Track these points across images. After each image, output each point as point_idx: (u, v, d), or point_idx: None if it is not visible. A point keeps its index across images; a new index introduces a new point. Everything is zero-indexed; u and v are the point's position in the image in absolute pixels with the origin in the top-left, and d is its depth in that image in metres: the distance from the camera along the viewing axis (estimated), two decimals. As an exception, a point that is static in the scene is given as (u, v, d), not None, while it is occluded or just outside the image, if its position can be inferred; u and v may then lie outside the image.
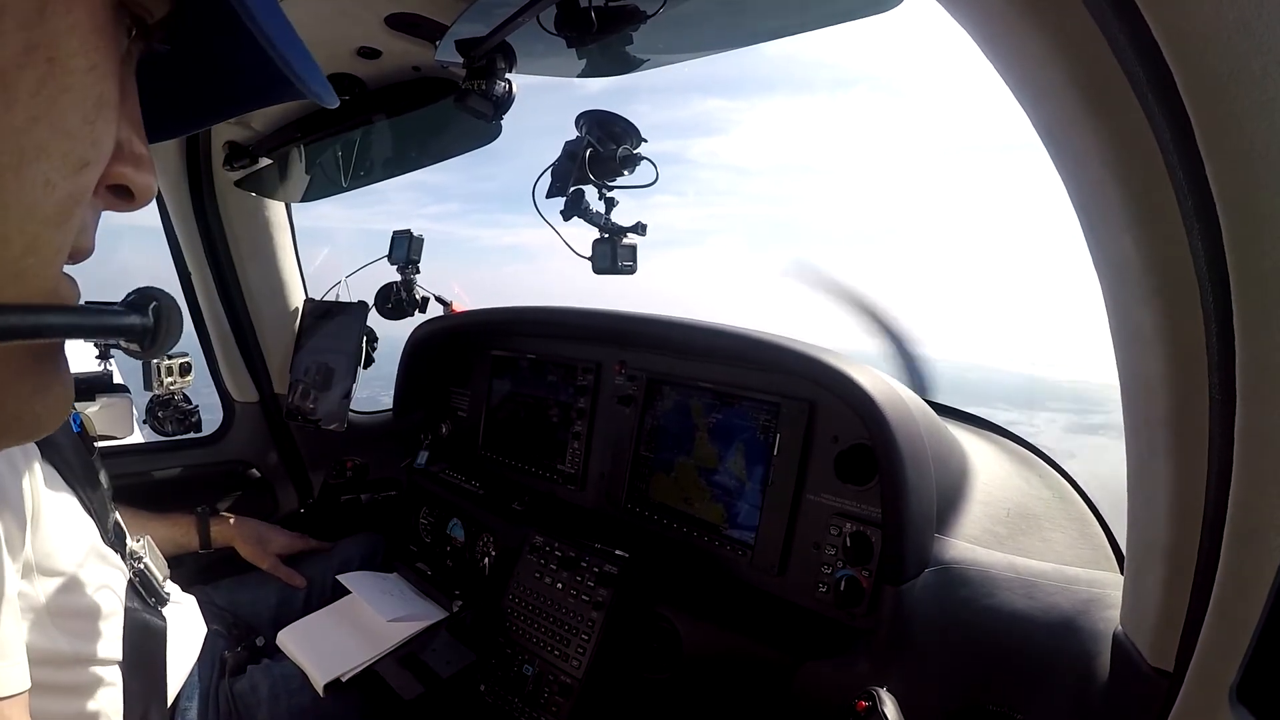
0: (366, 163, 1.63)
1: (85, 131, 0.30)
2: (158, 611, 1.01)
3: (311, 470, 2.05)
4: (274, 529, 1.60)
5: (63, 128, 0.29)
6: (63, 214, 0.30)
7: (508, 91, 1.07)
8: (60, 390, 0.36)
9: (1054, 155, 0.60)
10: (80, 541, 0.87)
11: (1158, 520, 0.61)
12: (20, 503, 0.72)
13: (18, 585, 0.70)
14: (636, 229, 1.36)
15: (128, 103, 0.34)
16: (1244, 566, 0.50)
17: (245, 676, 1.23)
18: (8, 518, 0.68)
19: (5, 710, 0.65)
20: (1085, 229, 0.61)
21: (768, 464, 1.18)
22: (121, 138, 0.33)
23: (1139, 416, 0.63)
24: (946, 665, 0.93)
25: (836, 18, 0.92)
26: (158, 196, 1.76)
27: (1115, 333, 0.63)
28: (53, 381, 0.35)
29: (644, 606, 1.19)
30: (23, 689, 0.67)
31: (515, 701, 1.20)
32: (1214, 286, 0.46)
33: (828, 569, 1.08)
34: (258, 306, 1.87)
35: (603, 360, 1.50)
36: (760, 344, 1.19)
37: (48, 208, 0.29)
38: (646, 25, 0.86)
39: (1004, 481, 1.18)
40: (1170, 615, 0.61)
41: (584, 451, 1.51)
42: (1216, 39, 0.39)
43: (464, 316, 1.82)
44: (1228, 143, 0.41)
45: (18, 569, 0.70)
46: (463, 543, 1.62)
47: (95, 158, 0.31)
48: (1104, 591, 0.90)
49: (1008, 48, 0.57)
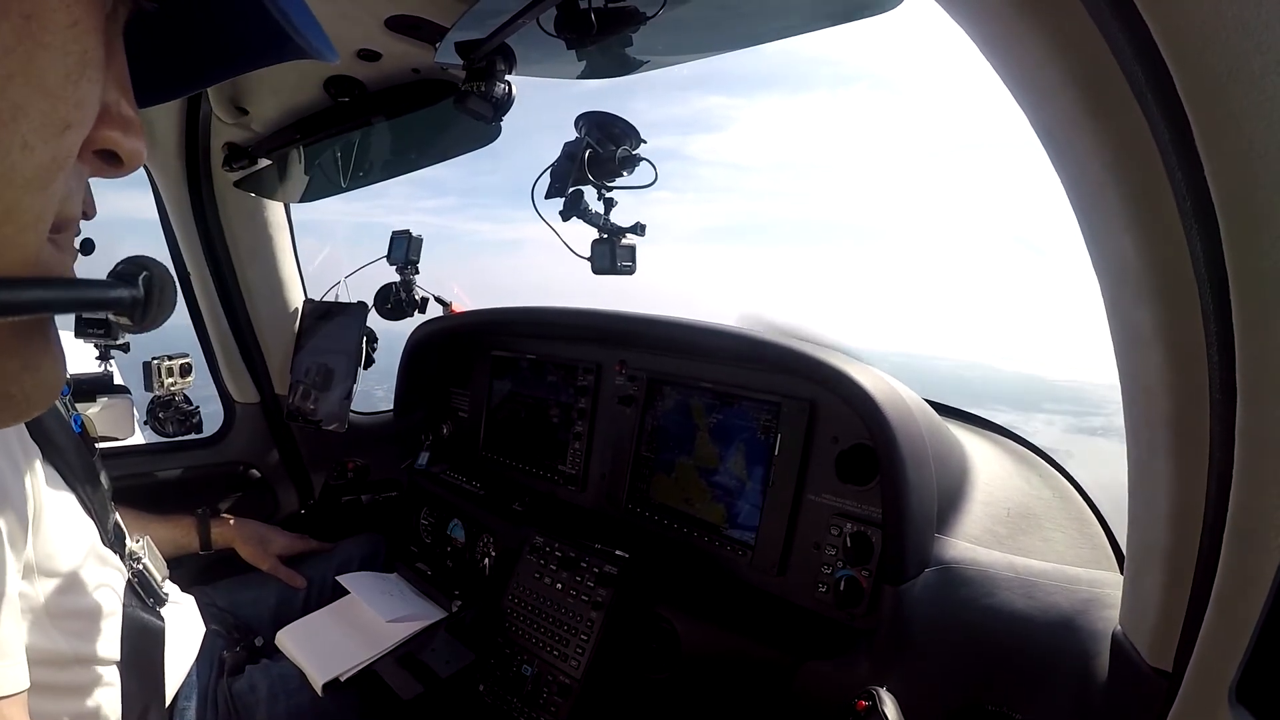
0: (366, 164, 1.63)
1: (67, 91, 0.28)
2: (156, 612, 1.01)
3: (312, 471, 2.05)
4: (274, 530, 1.60)
5: (42, 86, 0.27)
6: (43, 179, 0.28)
7: (507, 93, 1.07)
8: (50, 367, 0.34)
9: (1053, 156, 0.60)
10: (80, 542, 0.87)
11: (1158, 520, 0.61)
12: (23, 503, 0.72)
13: (18, 585, 0.70)
14: (635, 229, 1.36)
15: (114, 63, 0.31)
16: (1244, 567, 0.50)
17: (244, 676, 1.23)
18: (11, 518, 0.68)
19: (4, 710, 0.64)
20: (1085, 230, 0.61)
21: (768, 464, 1.18)
22: (108, 100, 0.31)
23: (1139, 417, 0.63)
24: (946, 665, 0.93)
25: (836, 18, 0.92)
26: (157, 197, 1.76)
27: (1115, 333, 0.63)
28: (41, 358, 0.33)
29: (644, 607, 1.19)
30: (22, 688, 0.66)
31: (514, 701, 1.20)
32: (1213, 287, 0.47)
33: (828, 569, 1.08)
34: (257, 307, 1.87)
35: (603, 360, 1.50)
36: (761, 344, 1.19)
37: (26, 171, 0.27)
38: (646, 27, 0.86)
39: (1004, 481, 1.18)
40: (1170, 615, 0.61)
41: (584, 452, 1.51)
42: (1215, 39, 0.39)
43: (464, 317, 1.82)
44: (1227, 143, 0.41)
45: (19, 569, 0.70)
46: (463, 543, 1.62)
47: (78, 120, 0.29)
48: (1104, 591, 0.90)
49: (1007, 48, 0.57)
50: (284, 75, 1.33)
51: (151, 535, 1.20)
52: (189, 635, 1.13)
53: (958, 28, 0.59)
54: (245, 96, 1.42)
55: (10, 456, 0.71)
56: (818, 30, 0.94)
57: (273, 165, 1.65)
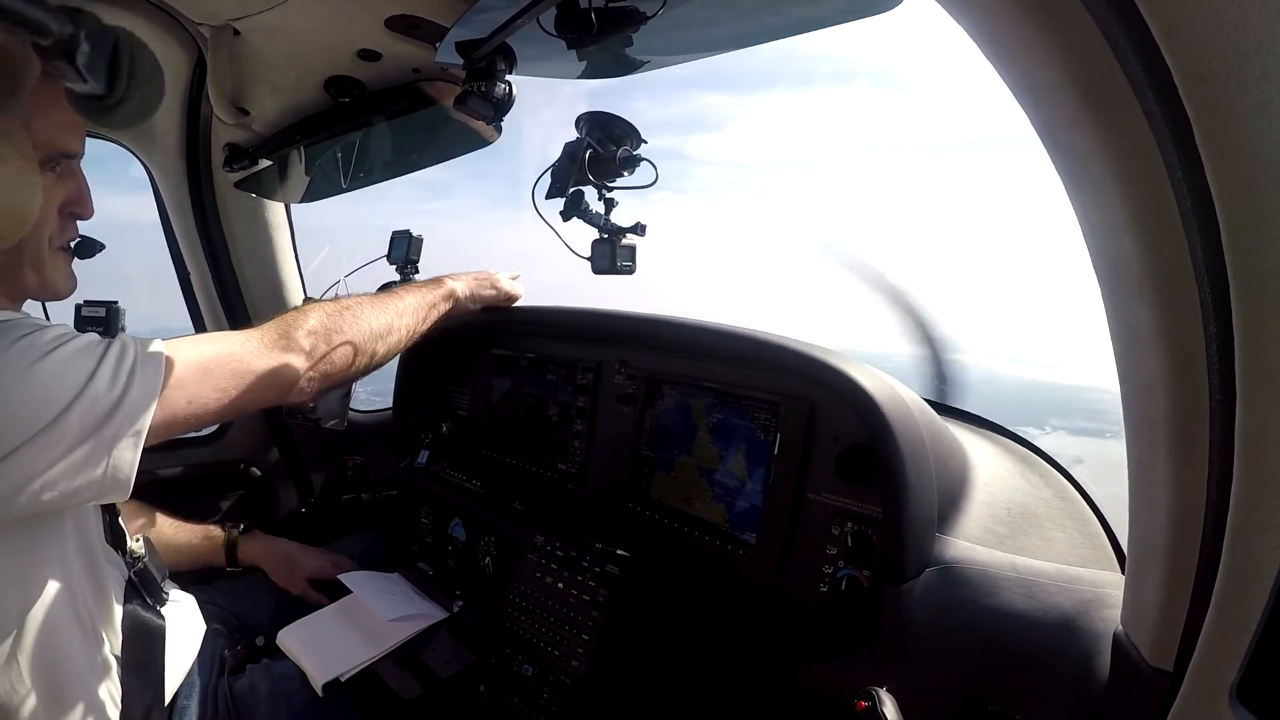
0: (366, 164, 1.63)
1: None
2: (157, 611, 1.02)
3: (312, 470, 2.05)
4: (304, 550, 1.56)
5: None
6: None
7: (508, 93, 1.07)
8: None
9: (1053, 155, 0.60)
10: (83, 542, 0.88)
11: (1158, 520, 0.61)
12: None
13: None
14: (636, 229, 1.36)
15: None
16: (1244, 567, 0.50)
17: (244, 676, 1.22)
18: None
19: None
20: (1084, 229, 0.61)
21: (768, 464, 1.18)
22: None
23: (1139, 416, 0.63)
24: (947, 665, 0.93)
25: (835, 18, 0.92)
26: (158, 198, 1.76)
27: (1115, 332, 0.63)
28: None
29: (644, 606, 1.19)
30: None
31: (514, 701, 1.19)
32: (1213, 285, 0.46)
33: (828, 569, 1.08)
34: (257, 307, 1.87)
35: (602, 359, 1.50)
36: (759, 343, 1.19)
37: None
38: (646, 27, 0.86)
39: (1005, 481, 1.18)
40: (1170, 615, 0.61)
41: (585, 451, 1.51)
42: (1215, 39, 0.39)
43: (463, 315, 1.82)
44: (1227, 142, 0.41)
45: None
46: (464, 542, 1.62)
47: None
48: (1104, 591, 0.90)
49: (1007, 48, 0.57)
50: (284, 75, 1.33)
51: (175, 542, 1.21)
52: (190, 634, 1.13)
53: (958, 28, 0.59)
54: (246, 97, 1.42)
55: None
56: (817, 30, 0.94)
57: (273, 166, 1.65)
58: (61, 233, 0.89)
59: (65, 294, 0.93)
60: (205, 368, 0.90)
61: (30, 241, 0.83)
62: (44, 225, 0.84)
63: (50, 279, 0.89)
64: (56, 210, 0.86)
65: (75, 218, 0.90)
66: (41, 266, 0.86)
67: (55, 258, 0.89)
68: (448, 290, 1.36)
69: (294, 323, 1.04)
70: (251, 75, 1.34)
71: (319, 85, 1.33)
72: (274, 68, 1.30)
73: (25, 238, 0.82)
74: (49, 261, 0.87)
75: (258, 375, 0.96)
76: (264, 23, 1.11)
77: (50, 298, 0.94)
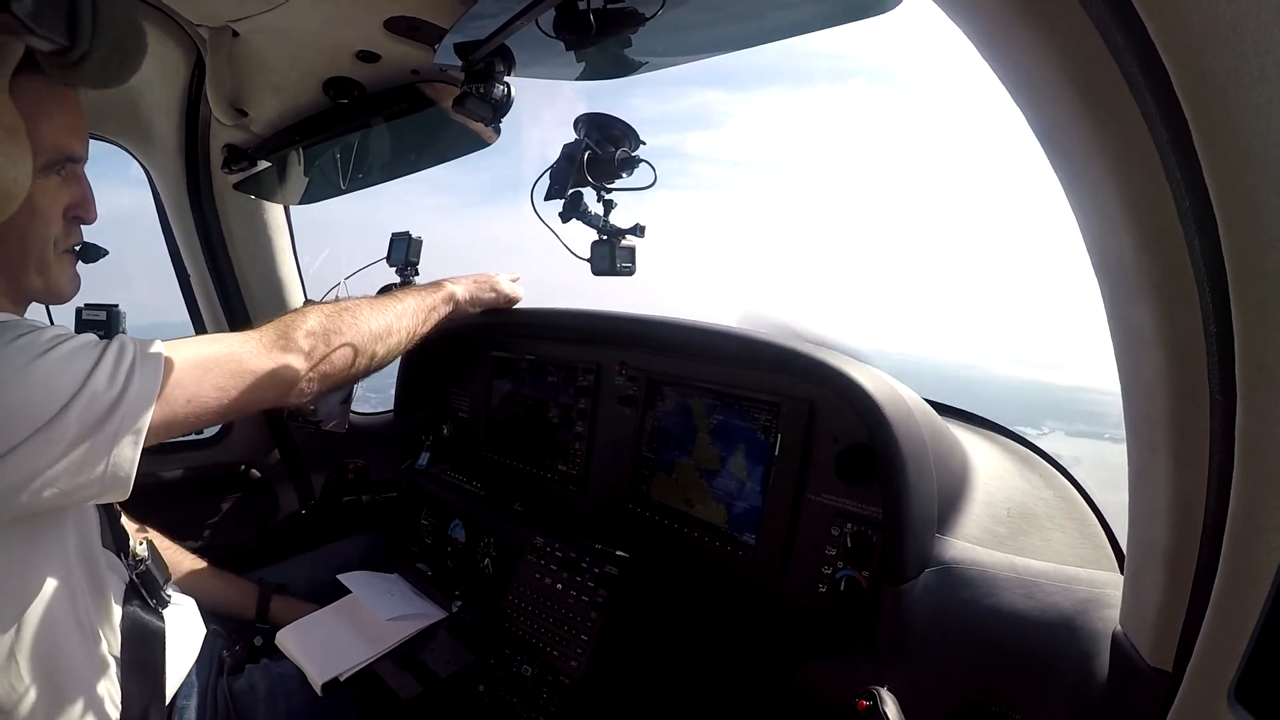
0: (365, 165, 1.63)
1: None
2: (158, 613, 1.02)
3: (313, 472, 2.05)
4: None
5: None
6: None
7: (506, 95, 1.07)
8: None
9: (1052, 156, 0.60)
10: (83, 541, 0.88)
11: (1158, 520, 0.61)
12: None
13: None
14: (635, 230, 1.36)
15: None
16: (1244, 567, 0.50)
17: (243, 675, 1.23)
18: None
19: None
20: (1084, 229, 0.61)
21: (769, 464, 1.18)
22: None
23: (1139, 416, 0.63)
24: (947, 665, 0.93)
25: (835, 19, 0.92)
26: (156, 199, 1.76)
27: (1114, 333, 0.63)
28: None
29: (644, 607, 1.19)
30: None
31: (514, 701, 1.19)
32: (1212, 286, 0.46)
33: (828, 569, 1.08)
34: (257, 308, 1.87)
35: (603, 361, 1.50)
36: (759, 344, 1.19)
37: None
38: (645, 28, 0.86)
39: (1005, 481, 1.18)
40: (1169, 615, 0.61)
41: (585, 452, 1.51)
42: (1214, 40, 0.39)
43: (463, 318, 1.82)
44: (1225, 143, 0.41)
45: None
46: (463, 544, 1.62)
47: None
48: (1104, 591, 0.90)
49: (1005, 49, 0.57)
50: (284, 76, 1.33)
51: (209, 586, 1.21)
52: (190, 636, 1.13)
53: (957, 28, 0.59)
54: (245, 98, 1.42)
55: None
56: (816, 31, 0.94)
57: (272, 167, 1.65)
58: (66, 236, 0.89)
59: (69, 297, 0.93)
60: (204, 367, 0.90)
61: (36, 244, 0.84)
62: (49, 228, 0.85)
63: (55, 282, 0.89)
64: (61, 214, 0.86)
65: (79, 221, 0.91)
66: (46, 270, 0.87)
67: (60, 261, 0.89)
68: (448, 293, 1.37)
69: (293, 324, 1.04)
70: (250, 76, 1.34)
71: (318, 86, 1.33)
72: (273, 69, 1.31)
73: (31, 241, 0.82)
74: (54, 265, 0.88)
75: (257, 375, 0.96)
76: (263, 24, 1.11)
77: (54, 301, 0.95)
